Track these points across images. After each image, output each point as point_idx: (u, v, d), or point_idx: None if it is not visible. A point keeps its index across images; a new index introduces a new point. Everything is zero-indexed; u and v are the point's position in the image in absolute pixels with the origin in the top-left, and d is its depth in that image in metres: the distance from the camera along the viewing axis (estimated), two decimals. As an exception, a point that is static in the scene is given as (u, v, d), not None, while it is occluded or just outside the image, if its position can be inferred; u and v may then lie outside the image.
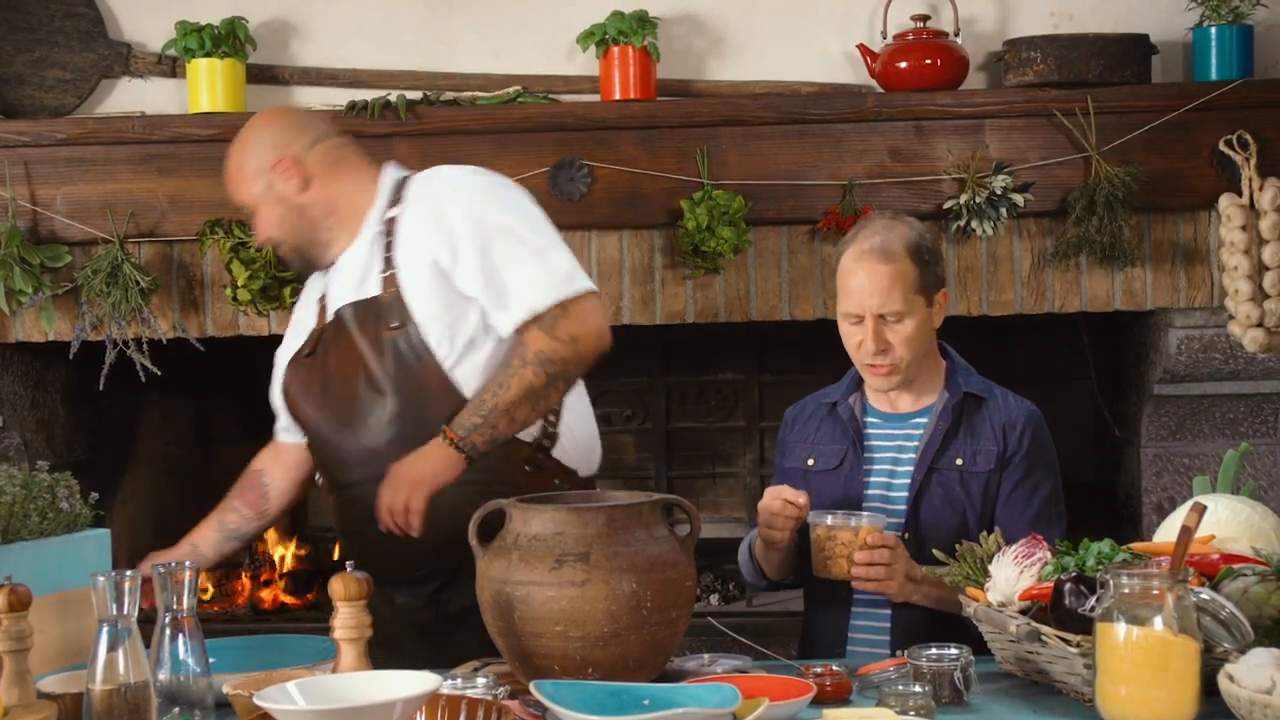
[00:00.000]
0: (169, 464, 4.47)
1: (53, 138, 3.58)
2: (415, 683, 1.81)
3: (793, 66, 3.69)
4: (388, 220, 2.52)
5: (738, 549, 2.76)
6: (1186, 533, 1.97)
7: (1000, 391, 2.68)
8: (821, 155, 3.56)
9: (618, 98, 3.56)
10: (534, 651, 2.06)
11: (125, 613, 1.79)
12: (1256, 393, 3.66)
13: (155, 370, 3.59)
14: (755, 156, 3.56)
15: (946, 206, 3.53)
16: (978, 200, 3.49)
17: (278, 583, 4.27)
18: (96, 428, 4.12)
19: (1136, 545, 2.23)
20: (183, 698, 1.83)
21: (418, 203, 2.51)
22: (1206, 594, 1.98)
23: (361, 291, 2.50)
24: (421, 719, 1.87)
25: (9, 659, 1.90)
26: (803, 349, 4.17)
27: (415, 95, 3.60)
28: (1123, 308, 3.59)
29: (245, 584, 4.29)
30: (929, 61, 3.53)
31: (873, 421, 2.68)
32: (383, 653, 2.16)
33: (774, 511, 2.50)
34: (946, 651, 2.08)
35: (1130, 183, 3.46)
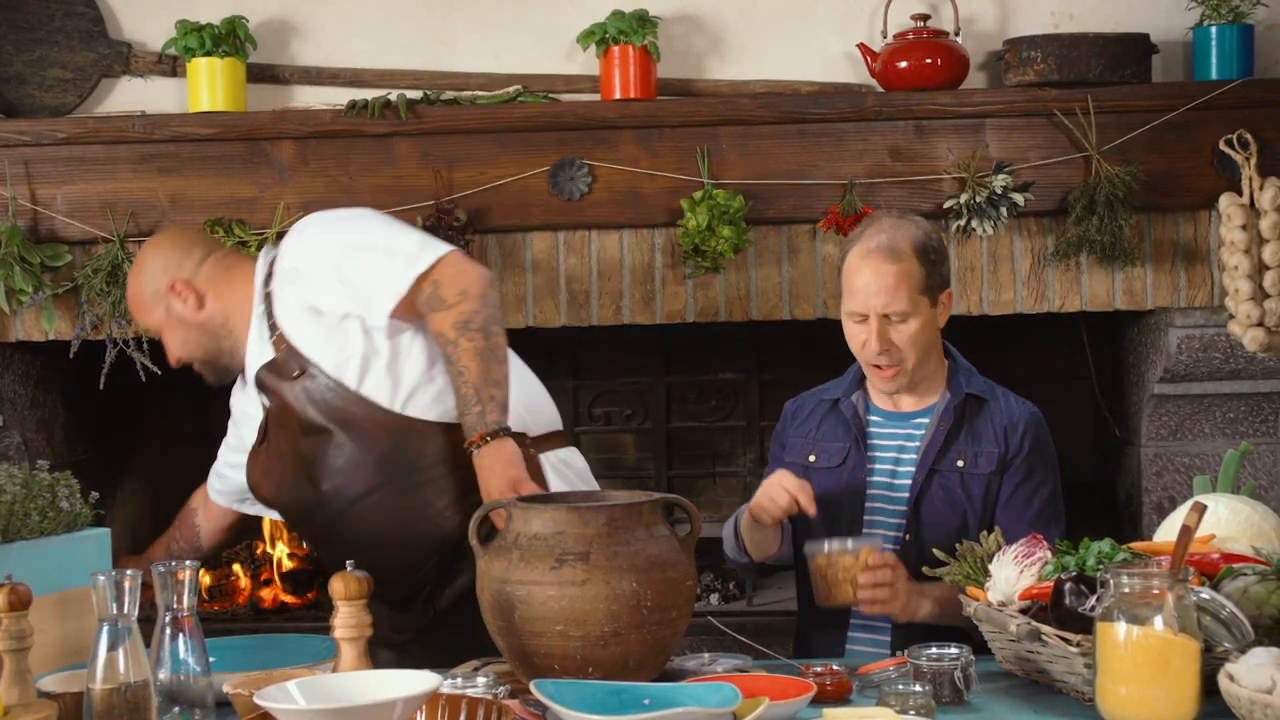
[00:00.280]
0: (169, 464, 4.46)
1: (53, 137, 3.58)
2: (415, 682, 1.81)
3: (793, 66, 3.68)
4: (266, 295, 2.61)
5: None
6: (1187, 532, 1.97)
7: (1002, 393, 2.67)
8: (822, 155, 3.56)
9: (618, 97, 3.56)
10: (534, 651, 2.06)
11: (125, 612, 1.79)
12: (1256, 392, 3.66)
13: (155, 370, 3.58)
14: (755, 156, 3.56)
15: (947, 206, 3.53)
16: (978, 200, 3.48)
17: (278, 582, 4.26)
18: (96, 427, 4.11)
19: (1137, 545, 2.23)
20: (183, 697, 1.84)
21: (280, 265, 2.61)
22: (1207, 593, 1.98)
23: (263, 361, 2.60)
24: (421, 718, 1.87)
25: (9, 658, 1.90)
26: (803, 349, 4.17)
27: (415, 95, 3.60)
28: (1123, 307, 3.59)
29: (245, 583, 4.28)
30: (929, 61, 3.52)
31: (875, 420, 2.67)
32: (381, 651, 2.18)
33: (782, 505, 2.49)
34: (947, 651, 2.08)
35: (1130, 182, 3.45)
